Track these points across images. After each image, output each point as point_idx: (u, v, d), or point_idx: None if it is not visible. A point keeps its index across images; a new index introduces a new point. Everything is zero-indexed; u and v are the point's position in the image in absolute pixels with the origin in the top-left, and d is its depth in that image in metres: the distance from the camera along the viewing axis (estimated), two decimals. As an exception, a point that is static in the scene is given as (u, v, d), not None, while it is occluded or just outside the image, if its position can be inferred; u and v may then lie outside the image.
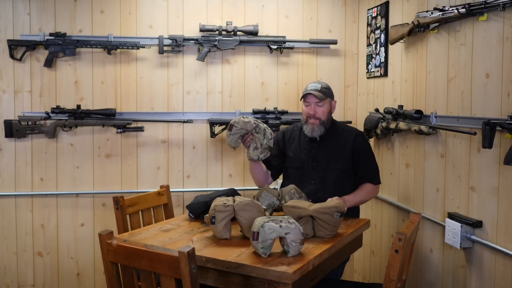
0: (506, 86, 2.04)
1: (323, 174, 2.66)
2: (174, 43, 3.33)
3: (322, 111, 2.64)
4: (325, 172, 2.66)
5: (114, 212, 2.59)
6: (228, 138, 2.49)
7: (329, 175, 2.65)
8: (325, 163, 2.67)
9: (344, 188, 2.65)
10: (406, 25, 2.77)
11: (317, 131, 2.65)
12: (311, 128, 2.65)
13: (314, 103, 2.63)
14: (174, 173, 3.47)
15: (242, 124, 2.46)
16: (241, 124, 2.46)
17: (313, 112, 2.63)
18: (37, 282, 3.36)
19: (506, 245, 2.06)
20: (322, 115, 2.64)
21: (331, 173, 2.65)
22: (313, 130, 2.65)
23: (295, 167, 2.73)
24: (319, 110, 2.63)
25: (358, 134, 2.74)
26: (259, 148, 2.48)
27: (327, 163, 2.66)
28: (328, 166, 2.66)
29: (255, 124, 2.48)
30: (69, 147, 3.35)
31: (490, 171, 2.15)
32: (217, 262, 1.87)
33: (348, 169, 2.67)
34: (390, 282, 1.84)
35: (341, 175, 2.66)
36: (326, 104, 2.66)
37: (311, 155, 2.70)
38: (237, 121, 2.47)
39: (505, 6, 2.02)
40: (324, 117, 2.65)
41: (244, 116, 2.50)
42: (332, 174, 2.65)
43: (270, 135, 2.49)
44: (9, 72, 3.26)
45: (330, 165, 2.66)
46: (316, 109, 2.63)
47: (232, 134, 2.47)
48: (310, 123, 2.65)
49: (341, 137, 2.71)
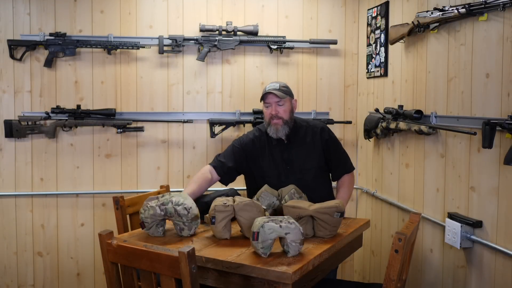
0: (506, 86, 2.04)
1: (300, 175, 2.64)
2: (174, 43, 3.33)
3: (284, 110, 2.62)
4: (302, 173, 2.65)
5: (114, 212, 2.60)
6: (150, 232, 2.20)
7: (306, 175, 2.64)
8: (299, 164, 2.66)
9: (322, 184, 2.69)
10: (406, 25, 2.77)
11: (281, 131, 2.63)
12: (275, 128, 2.62)
13: (274, 103, 2.61)
14: (174, 173, 3.47)
15: (150, 216, 2.15)
16: (149, 216, 2.15)
17: (275, 112, 2.61)
18: (37, 282, 3.37)
19: (506, 245, 2.06)
20: (284, 114, 2.62)
21: (308, 172, 2.65)
22: (277, 130, 2.62)
23: (273, 175, 2.65)
24: (280, 109, 2.61)
25: (323, 127, 2.75)
26: (185, 227, 2.16)
27: (301, 163, 2.66)
28: (303, 166, 2.65)
29: (163, 211, 2.14)
30: (69, 147, 3.35)
31: (490, 171, 2.15)
32: (217, 262, 1.87)
33: (322, 165, 2.69)
34: (390, 282, 1.84)
35: (317, 173, 2.67)
36: (287, 103, 2.65)
37: (283, 158, 2.67)
38: (144, 216, 2.16)
39: (505, 6, 2.02)
40: (287, 116, 2.63)
41: (148, 204, 2.16)
42: (308, 173, 2.65)
43: (185, 210, 2.13)
44: (9, 72, 3.26)
45: (305, 165, 2.66)
46: (278, 108, 2.61)
47: (147, 229, 2.18)
48: (273, 123, 2.62)
49: (307, 134, 2.70)
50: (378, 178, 3.31)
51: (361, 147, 3.59)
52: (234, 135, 3.50)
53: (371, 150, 3.41)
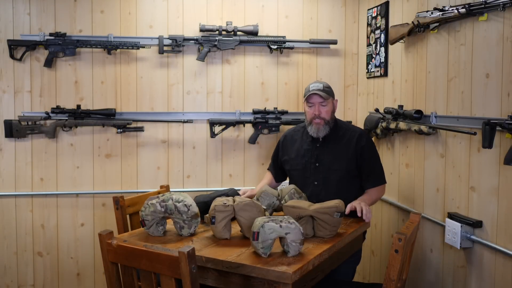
0: (506, 86, 2.04)
1: (326, 174, 2.63)
2: (174, 43, 3.33)
3: (326, 111, 2.63)
4: (328, 173, 2.63)
5: (114, 212, 2.60)
6: (150, 231, 2.19)
7: (332, 176, 2.63)
8: (328, 164, 2.64)
9: (348, 188, 2.62)
10: (406, 25, 2.77)
11: (323, 131, 2.64)
12: (317, 128, 2.63)
13: (318, 103, 2.61)
14: (174, 173, 3.47)
15: (151, 213, 2.15)
16: (150, 213, 2.15)
17: (318, 112, 2.61)
18: (37, 282, 3.37)
19: (506, 245, 2.06)
20: (326, 115, 2.63)
21: (334, 173, 2.63)
22: (319, 130, 2.63)
23: (298, 169, 2.71)
24: (323, 110, 2.62)
25: (362, 133, 2.71)
26: (185, 226, 2.16)
27: (330, 163, 2.64)
28: (331, 166, 2.64)
29: (163, 208, 2.13)
30: (69, 147, 3.35)
31: (490, 171, 2.15)
32: (217, 262, 1.87)
33: (352, 169, 2.63)
34: (390, 282, 1.84)
35: (344, 175, 2.62)
36: (330, 103, 2.64)
37: (313, 156, 2.68)
38: (145, 213, 2.16)
39: (505, 6, 2.02)
40: (329, 117, 2.64)
41: (148, 202, 2.16)
42: (335, 174, 2.62)
43: (185, 206, 2.13)
44: (9, 72, 3.26)
45: (333, 166, 2.63)
46: (321, 109, 2.61)
47: (147, 227, 2.17)
48: (315, 123, 2.63)
49: (344, 136, 2.68)
50: (378, 178, 3.31)
51: (361, 147, 3.59)
52: (234, 135, 3.50)
53: (371, 150, 3.41)
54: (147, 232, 2.19)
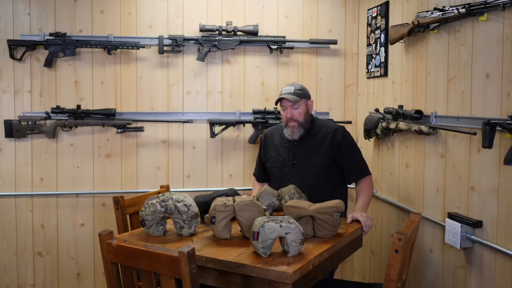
0: (506, 86, 2.04)
1: (303, 171, 2.70)
2: (174, 43, 3.33)
3: (299, 113, 2.68)
4: (305, 169, 2.69)
5: (114, 212, 2.60)
6: (150, 230, 2.20)
7: (309, 172, 2.69)
8: (304, 160, 2.71)
9: (325, 183, 2.68)
10: (406, 25, 2.77)
11: (297, 133, 2.70)
12: (291, 131, 2.70)
13: (289, 106, 2.67)
14: (174, 173, 3.47)
15: (151, 213, 2.15)
16: (150, 213, 2.15)
17: (290, 115, 2.67)
18: (37, 282, 3.37)
19: (506, 245, 2.06)
20: (299, 117, 2.68)
21: (311, 169, 2.69)
22: (293, 132, 2.70)
23: (277, 166, 2.78)
24: (295, 112, 2.67)
25: (338, 128, 2.74)
26: (185, 226, 2.16)
27: (306, 160, 2.70)
28: (307, 163, 2.70)
29: (163, 208, 2.14)
30: (69, 147, 3.35)
31: (490, 171, 2.15)
32: (217, 262, 1.87)
33: (327, 164, 2.68)
34: (390, 282, 1.84)
35: (320, 171, 2.68)
36: (302, 105, 2.69)
37: (291, 153, 2.74)
38: (145, 213, 2.17)
39: (505, 6, 2.02)
40: (302, 119, 2.69)
41: (148, 202, 2.18)
42: (311, 170, 2.68)
43: (185, 206, 2.13)
44: (9, 72, 3.26)
45: (309, 162, 2.70)
46: (293, 111, 2.67)
47: (147, 227, 2.18)
48: (290, 126, 2.70)
49: (320, 133, 2.73)
50: (378, 178, 3.31)
51: (361, 147, 3.57)
52: (234, 135, 3.50)
53: (371, 150, 3.41)
54: (147, 232, 2.19)
